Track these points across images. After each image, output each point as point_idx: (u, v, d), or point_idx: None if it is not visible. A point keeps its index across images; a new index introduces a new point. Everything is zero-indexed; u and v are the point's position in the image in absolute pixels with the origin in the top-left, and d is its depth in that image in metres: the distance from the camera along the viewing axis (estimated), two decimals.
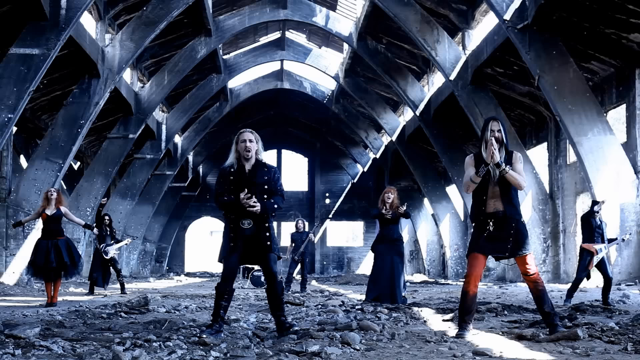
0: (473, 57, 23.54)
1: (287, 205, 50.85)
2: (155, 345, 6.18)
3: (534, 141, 26.52)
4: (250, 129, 7.11)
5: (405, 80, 30.03)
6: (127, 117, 28.68)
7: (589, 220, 12.30)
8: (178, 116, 34.43)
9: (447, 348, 5.87)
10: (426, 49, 24.52)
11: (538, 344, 6.12)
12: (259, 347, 6.21)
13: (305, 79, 41.34)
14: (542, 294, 6.83)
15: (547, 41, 18.80)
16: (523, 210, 22.61)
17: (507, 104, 25.41)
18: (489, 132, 7.07)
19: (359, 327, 7.13)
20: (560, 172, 23.85)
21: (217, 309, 6.94)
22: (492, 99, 24.03)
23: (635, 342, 5.94)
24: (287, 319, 7.09)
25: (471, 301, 6.85)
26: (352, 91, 35.81)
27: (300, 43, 36.74)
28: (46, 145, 22.15)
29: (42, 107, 26.28)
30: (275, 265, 7.02)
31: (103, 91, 23.15)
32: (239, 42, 36.58)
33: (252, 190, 6.91)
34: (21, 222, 12.72)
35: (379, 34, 29.74)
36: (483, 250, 6.93)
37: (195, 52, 29.37)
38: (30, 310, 10.36)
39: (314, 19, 30.19)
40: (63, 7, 18.65)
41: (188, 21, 28.29)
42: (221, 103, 39.14)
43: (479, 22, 26.03)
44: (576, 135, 18.61)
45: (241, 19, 29.94)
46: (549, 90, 18.84)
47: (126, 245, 16.95)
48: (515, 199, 7.01)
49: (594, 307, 10.28)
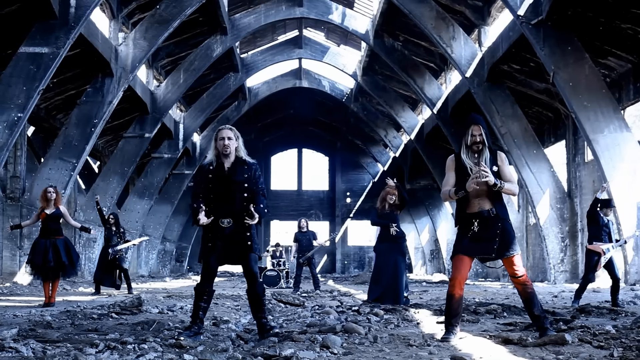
0: (489, 53, 23.20)
1: (308, 205, 50.83)
2: (129, 348, 6.03)
3: (552, 139, 26.11)
4: (230, 126, 6.92)
5: (423, 78, 29.72)
6: (142, 116, 28.65)
7: (595, 218, 11.96)
8: (195, 115, 34.36)
9: (427, 353, 5.63)
10: (441, 46, 24.21)
11: (523, 348, 5.86)
12: (237, 350, 6.01)
13: (323, 77, 41.14)
14: (531, 296, 6.56)
15: (562, 37, 18.45)
16: (541, 209, 22.41)
17: (524, 101, 25.02)
18: (470, 136, 6.80)
19: (344, 330, 6.91)
20: (578, 170, 23.44)
21: (196, 311, 6.76)
22: (509, 96, 23.68)
23: (625, 348, 5.67)
24: (268, 321, 6.88)
25: (457, 304, 6.58)
26: (370, 89, 35.55)
27: (317, 41, 36.54)
28: (60, 144, 22.15)
29: (56, 106, 26.28)
30: (256, 266, 6.81)
31: (117, 90, 23.11)
32: (257, 40, 36.47)
33: (232, 188, 6.71)
34: (20, 225, 12.54)
35: (396, 31, 29.46)
36: (468, 252, 6.66)
37: (211, 51, 29.28)
38: (25, 310, 10.25)
39: (330, 16, 29.98)
40: (72, 6, 18.61)
41: (203, 19, 28.19)
42: (239, 102, 39.04)
43: (495, 18, 25.67)
44: (592, 133, 18.24)
45: (257, 17, 29.80)
46: (564, 86, 18.49)
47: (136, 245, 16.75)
48: (500, 197, 6.74)
49: (600, 309, 9.96)
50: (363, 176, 50.75)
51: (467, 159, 6.75)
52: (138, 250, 35.37)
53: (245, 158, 6.88)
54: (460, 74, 24.84)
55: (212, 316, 9.01)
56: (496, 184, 6.52)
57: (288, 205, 50.52)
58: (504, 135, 23.37)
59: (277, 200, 50.66)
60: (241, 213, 6.72)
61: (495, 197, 6.68)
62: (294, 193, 51.32)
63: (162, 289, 18.63)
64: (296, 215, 49.82)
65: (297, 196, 51.15)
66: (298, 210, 49.62)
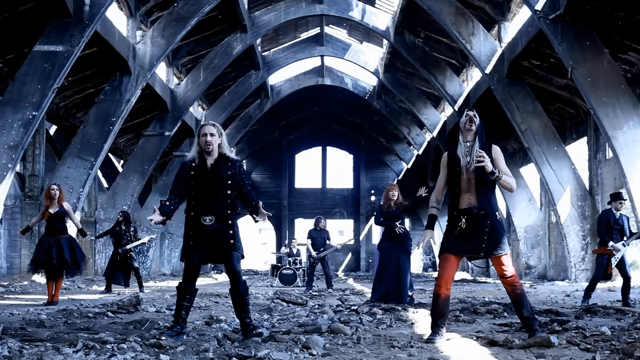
0: (509, 49, 22.91)
1: (333, 203, 50.67)
2: (108, 347, 5.93)
3: (574, 135, 25.72)
4: (212, 122, 6.77)
5: (444, 74, 29.46)
6: (163, 114, 28.69)
7: (606, 218, 11.71)
8: (217, 113, 34.36)
9: (407, 354, 5.47)
10: (461, 42, 23.96)
11: (507, 350, 5.68)
12: (218, 350, 5.89)
13: (346, 74, 40.98)
14: (520, 297, 6.36)
15: (580, 32, 18.13)
16: (562, 207, 22.09)
17: (545, 97, 24.67)
18: (464, 116, 6.66)
19: (330, 330, 6.77)
20: (599, 167, 23.06)
21: (179, 310, 6.65)
22: (529, 93, 23.39)
23: (612, 351, 5.47)
24: (252, 321, 6.73)
25: (443, 304, 6.41)
26: (392, 87, 35.33)
27: (339, 38, 36.37)
28: (78, 143, 22.22)
29: (76, 104, 26.39)
30: (239, 265, 6.67)
31: (134, 88, 23.13)
32: (279, 38, 36.40)
33: (214, 186, 6.59)
34: (29, 227, 12.41)
35: (417, 28, 29.21)
36: (455, 251, 6.47)
37: (231, 49, 29.24)
38: (24, 308, 10.22)
39: (350, 13, 29.82)
40: (87, 4, 18.62)
41: (223, 17, 28.15)
42: (262, 100, 39.03)
43: (515, 14, 25.34)
44: (611, 129, 17.91)
45: (277, 15, 29.72)
46: (583, 82, 18.17)
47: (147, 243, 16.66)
48: (491, 194, 6.56)
49: (607, 309, 9.73)
50: (387, 174, 50.47)
51: (461, 148, 6.58)
52: (160, 249, 35.47)
53: (228, 155, 6.74)
54: (479, 71, 24.57)
55: (209, 315, 8.91)
56: (494, 172, 6.35)
57: (312, 203, 50.40)
58: (524, 132, 23.08)
59: (302, 198, 50.60)
60: (224, 211, 6.60)
61: (487, 194, 6.50)
62: (318, 191, 51.18)
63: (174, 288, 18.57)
64: (320, 213, 49.47)
65: (321, 194, 51.00)
66: (322, 209, 49.53)
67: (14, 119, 17.76)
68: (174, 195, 6.72)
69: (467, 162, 6.49)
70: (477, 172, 6.43)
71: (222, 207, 6.59)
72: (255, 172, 50.60)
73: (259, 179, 50.77)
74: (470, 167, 6.49)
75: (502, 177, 6.40)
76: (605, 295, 13.60)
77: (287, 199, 50.27)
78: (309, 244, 18.43)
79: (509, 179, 6.47)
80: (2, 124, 17.71)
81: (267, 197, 49.77)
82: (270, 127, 45.14)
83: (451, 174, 6.60)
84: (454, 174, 6.57)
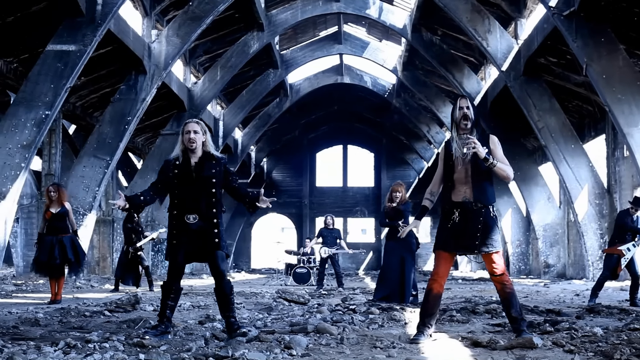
0: (525, 46, 22.70)
1: (354, 201, 50.53)
2: (90, 347, 5.92)
3: (592, 133, 25.45)
4: (196, 120, 6.73)
5: (462, 72, 29.24)
6: (180, 113, 28.74)
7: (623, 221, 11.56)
8: (235, 112, 34.39)
9: (386, 355, 5.39)
10: (477, 39, 23.77)
11: (490, 352, 5.58)
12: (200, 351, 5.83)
13: (365, 73, 40.85)
14: (509, 297, 6.25)
15: (595, 28, 17.92)
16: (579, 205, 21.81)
17: (563, 94, 24.42)
18: (458, 110, 6.53)
19: (316, 330, 6.69)
20: (617, 165, 22.77)
21: (163, 309, 6.62)
22: (546, 90, 23.17)
23: (596, 353, 5.34)
24: (237, 321, 6.68)
25: (433, 302, 6.31)
26: (411, 84, 35.17)
27: (357, 36, 36.24)
28: (94, 142, 22.30)
29: (92, 104, 26.51)
30: (223, 264, 6.61)
31: (150, 87, 23.16)
32: (298, 36, 36.34)
33: (198, 184, 6.54)
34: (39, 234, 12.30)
35: (434, 26, 29.01)
36: (448, 248, 6.37)
37: (248, 47, 29.22)
38: (24, 307, 10.25)
39: (367, 11, 29.69)
40: (99, 3, 18.65)
41: (239, 16, 28.13)
42: (281, 99, 39.01)
43: (532, 11, 25.08)
44: (626, 126, 17.69)
45: (293, 13, 29.65)
46: (598, 79, 17.95)
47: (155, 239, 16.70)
48: (487, 186, 6.39)
49: (610, 309, 9.57)
50: (409, 172, 50.20)
51: (455, 140, 6.47)
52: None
53: (213, 153, 6.69)
54: (496, 68, 24.37)
55: (205, 314, 8.87)
56: (487, 159, 6.23)
57: (333, 202, 50.27)
58: (541, 130, 22.87)
59: (323, 197, 50.51)
60: (208, 209, 6.55)
61: (483, 186, 6.35)
62: (339, 190, 51.04)
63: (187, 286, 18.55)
64: (342, 212, 49.67)
65: (342, 193, 50.85)
66: (343, 207, 49.42)
67: (27, 119, 17.84)
68: (151, 189, 6.72)
69: (462, 154, 6.38)
70: (473, 164, 6.31)
71: (206, 206, 6.55)
72: (276, 170, 50.60)
73: (279, 177, 50.76)
74: (466, 158, 6.37)
75: (497, 165, 6.27)
76: (615, 295, 13.41)
77: (308, 198, 50.20)
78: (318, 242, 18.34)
79: (504, 167, 6.33)
80: (16, 124, 17.80)
81: (288, 195, 49.76)
82: (290, 125, 45.09)
83: (447, 166, 6.50)
84: (449, 166, 6.47)
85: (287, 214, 50.61)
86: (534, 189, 27.34)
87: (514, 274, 31.10)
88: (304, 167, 50.33)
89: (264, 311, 9.79)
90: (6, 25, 19.31)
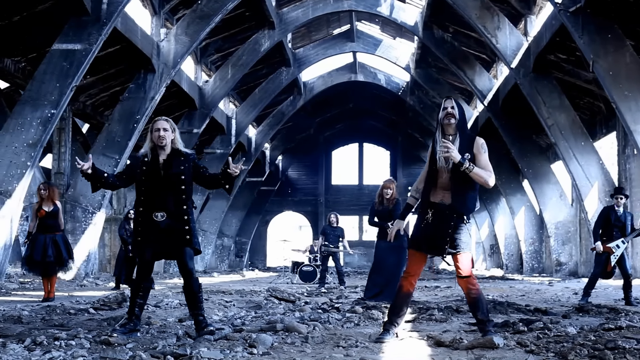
0: (534, 43, 22.53)
1: (369, 199, 50.34)
2: (56, 344, 5.94)
3: (604, 130, 25.21)
4: (165, 117, 6.74)
5: (473, 69, 29.08)
6: (191, 112, 28.82)
7: (608, 217, 11.45)
8: (248, 110, 34.42)
9: (343, 355, 5.36)
10: (486, 36, 23.62)
11: (451, 351, 5.53)
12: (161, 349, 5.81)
13: (379, 70, 40.75)
14: (475, 299, 6.17)
15: (602, 24, 17.73)
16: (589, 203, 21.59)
17: (574, 92, 24.21)
18: (442, 110, 6.46)
19: (285, 329, 6.66)
20: (628, 163, 22.53)
21: (132, 307, 6.61)
22: (556, 87, 22.96)
23: (557, 354, 5.27)
24: (205, 319, 6.67)
25: (403, 299, 6.26)
26: (424, 82, 35.04)
27: (370, 34, 36.16)
28: (103, 140, 22.40)
29: (103, 102, 26.65)
30: (192, 261, 6.60)
31: (159, 86, 23.20)
32: (312, 35, 36.33)
33: (167, 181, 6.54)
34: (30, 233, 12.38)
35: (445, 23, 28.86)
36: (420, 248, 6.33)
37: (259, 46, 29.22)
38: (12, 305, 10.30)
39: (378, 8, 29.57)
40: (104, 2, 18.70)
41: (250, 14, 28.15)
42: (294, 97, 39.00)
43: (542, 7, 24.87)
44: (633, 123, 17.50)
45: (304, 11, 29.62)
46: (604, 76, 17.77)
47: None
48: (468, 192, 6.26)
49: (600, 307, 9.47)
50: None
51: (439, 143, 6.39)
52: None
53: (182, 150, 6.69)
54: (505, 65, 24.20)
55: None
56: (462, 163, 6.10)
57: (349, 200, 50.21)
58: (551, 127, 22.68)
59: (338, 195, 50.47)
60: (177, 206, 6.55)
61: (462, 191, 6.24)
62: (355, 188, 50.96)
63: None
64: (357, 210, 49.57)
65: (358, 191, 50.75)
66: (359, 205, 49.30)
67: (33, 117, 17.94)
68: (116, 175, 6.77)
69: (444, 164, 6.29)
70: (454, 169, 6.21)
71: (174, 203, 6.55)
72: (291, 169, 50.60)
73: (295, 175, 50.78)
74: (448, 166, 6.28)
75: (473, 170, 6.14)
76: (614, 294, 13.25)
77: (323, 196, 50.17)
78: (321, 240, 18.31)
79: (482, 173, 6.19)
80: (22, 122, 17.91)
81: (304, 193, 49.80)
82: (305, 124, 45.05)
83: (431, 170, 6.42)
84: (432, 170, 6.39)
85: (303, 212, 50.63)
86: (546, 187, 27.14)
87: (527, 272, 30.90)
88: (319, 165, 50.30)
89: (253, 309, 9.78)
90: (12, 24, 19.46)
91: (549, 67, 22.98)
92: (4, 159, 17.50)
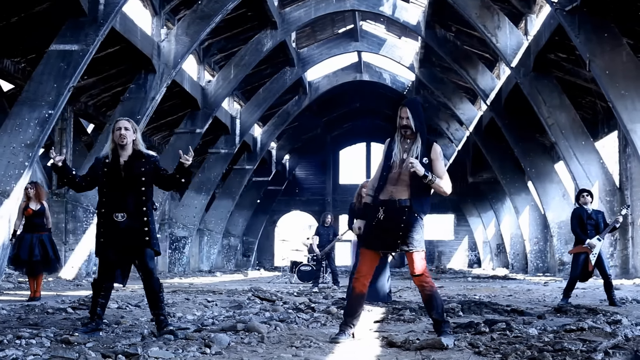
0: (534, 42, 22.46)
1: None
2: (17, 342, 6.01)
3: (605, 129, 25.10)
4: (127, 118, 6.79)
5: (476, 69, 29.02)
6: (193, 112, 28.90)
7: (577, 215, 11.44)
8: (252, 110, 34.47)
9: (292, 355, 5.38)
10: (486, 36, 23.58)
11: (399, 352, 5.53)
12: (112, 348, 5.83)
13: (384, 70, 40.72)
14: (430, 298, 6.16)
15: (598, 23, 17.68)
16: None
17: (575, 91, 24.11)
18: (398, 119, 6.52)
19: (246, 329, 6.68)
20: (629, 162, 22.44)
21: (94, 307, 6.67)
22: (556, 86, 22.87)
23: (504, 354, 5.26)
24: (166, 318, 6.71)
25: (356, 300, 6.27)
26: (428, 81, 35.00)
27: (374, 34, 36.14)
28: (104, 140, 22.47)
29: (104, 103, 26.76)
30: (152, 262, 6.66)
31: (159, 86, 23.27)
32: (316, 34, 36.33)
33: (127, 182, 6.58)
34: (15, 231, 12.46)
35: (448, 22, 28.83)
36: (372, 246, 6.34)
37: (261, 45, 29.25)
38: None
39: (380, 8, 29.54)
40: (101, 3, 18.76)
41: (252, 14, 28.18)
42: (300, 96, 39.02)
43: (542, 6, 24.78)
44: (630, 122, 17.45)
45: (307, 11, 29.63)
46: (601, 75, 17.72)
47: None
48: (418, 189, 6.30)
49: (579, 308, 9.44)
50: None
51: (397, 144, 6.44)
52: (199, 245, 35.82)
53: (143, 151, 6.73)
54: (505, 64, 24.15)
55: (172, 312, 8.89)
56: (426, 176, 6.19)
57: None
58: (551, 127, 22.61)
59: (346, 194, 50.35)
60: (138, 207, 6.60)
61: (412, 187, 6.29)
62: None
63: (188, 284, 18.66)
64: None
65: None
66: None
67: (30, 118, 18.03)
68: (82, 177, 6.81)
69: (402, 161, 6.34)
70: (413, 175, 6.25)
71: (134, 204, 6.60)
72: (299, 168, 50.64)
73: (302, 175, 50.82)
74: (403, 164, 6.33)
75: (435, 182, 6.23)
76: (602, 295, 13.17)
77: (331, 195, 50.23)
78: (315, 241, 18.32)
79: (442, 183, 6.30)
80: (20, 123, 18.01)
81: (311, 193, 49.85)
82: (311, 123, 45.06)
83: (385, 166, 6.45)
84: (386, 166, 6.42)
85: (310, 212, 50.65)
86: (549, 186, 27.03)
87: (532, 271, 30.82)
88: (327, 164, 50.34)
89: (233, 309, 9.80)
90: (10, 25, 19.57)
91: (549, 67, 22.91)
92: (2, 160, 17.60)
